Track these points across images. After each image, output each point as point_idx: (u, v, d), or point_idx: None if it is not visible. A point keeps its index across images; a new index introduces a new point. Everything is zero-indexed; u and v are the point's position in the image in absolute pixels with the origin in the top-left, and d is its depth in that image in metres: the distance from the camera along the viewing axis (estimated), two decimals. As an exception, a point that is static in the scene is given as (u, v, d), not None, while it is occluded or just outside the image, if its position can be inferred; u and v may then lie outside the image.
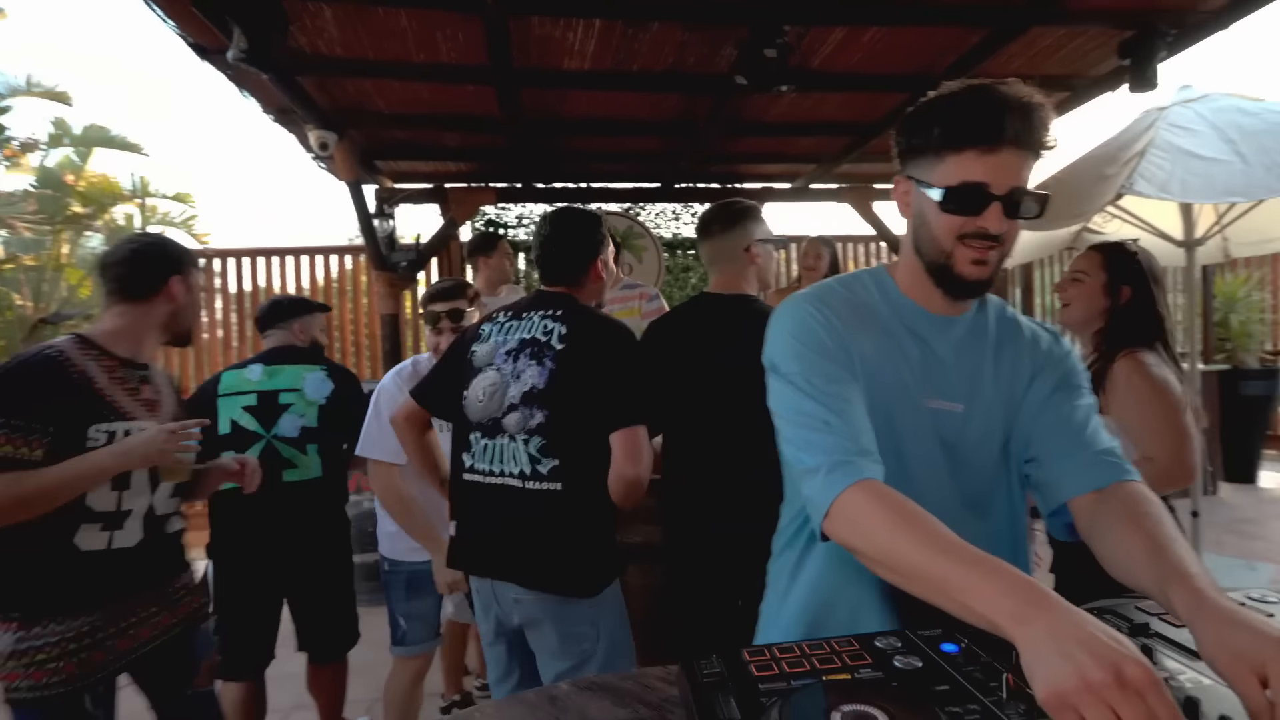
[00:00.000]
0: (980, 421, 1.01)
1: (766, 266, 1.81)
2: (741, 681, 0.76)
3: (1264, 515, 5.00)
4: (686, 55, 3.34)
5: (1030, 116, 0.89)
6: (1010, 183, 0.90)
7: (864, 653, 0.81)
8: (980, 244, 0.93)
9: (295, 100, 3.61)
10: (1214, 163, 3.22)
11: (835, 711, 0.67)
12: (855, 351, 0.97)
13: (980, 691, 0.71)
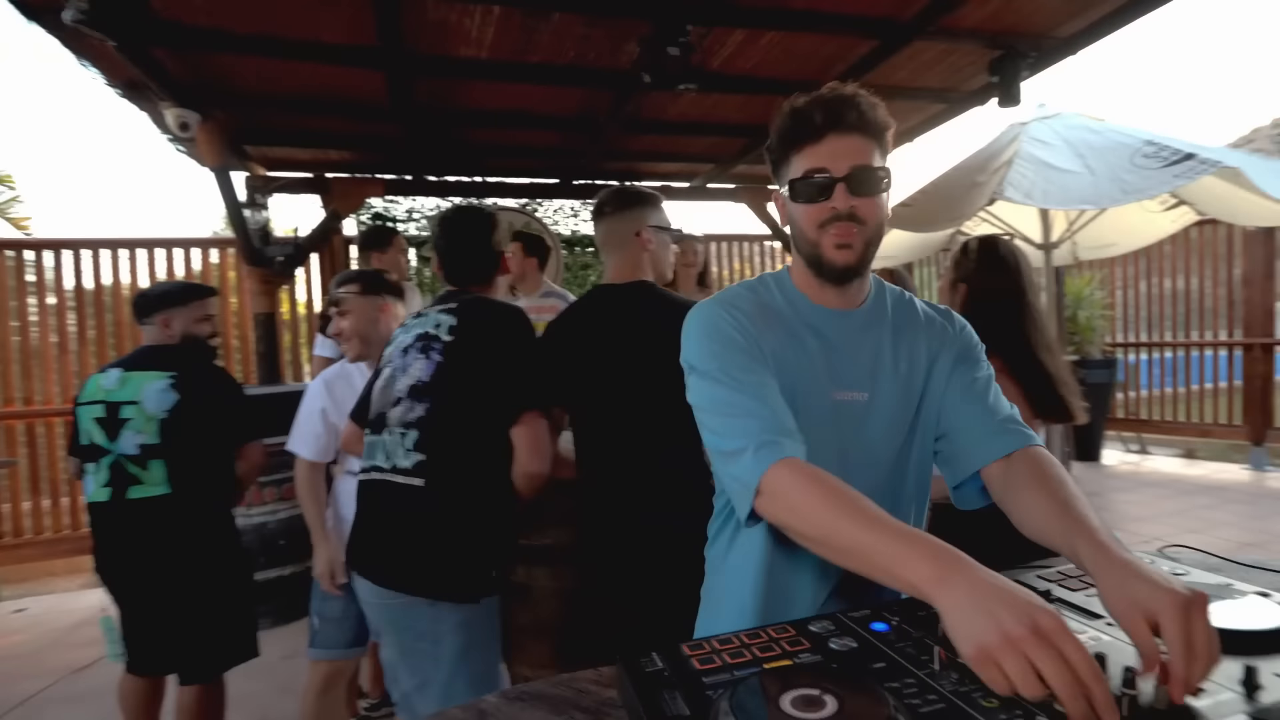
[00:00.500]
0: (884, 408, 1.05)
1: (661, 255, 1.75)
2: (685, 676, 0.75)
3: (1107, 489, 5.59)
4: (588, 50, 3.29)
5: (845, 104, 0.97)
6: (849, 163, 0.97)
7: (801, 638, 0.83)
8: (839, 227, 0.98)
9: (149, 74, 3.24)
10: (1068, 174, 3.55)
11: (785, 697, 0.67)
12: (766, 349, 1.01)
13: (914, 665, 0.75)
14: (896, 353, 1.07)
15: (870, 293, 1.10)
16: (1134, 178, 3.46)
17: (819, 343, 1.05)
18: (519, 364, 1.53)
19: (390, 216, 4.99)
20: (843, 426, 1.03)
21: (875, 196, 0.99)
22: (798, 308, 1.07)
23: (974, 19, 3.25)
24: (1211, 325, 6.29)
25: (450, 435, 1.48)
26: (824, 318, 1.06)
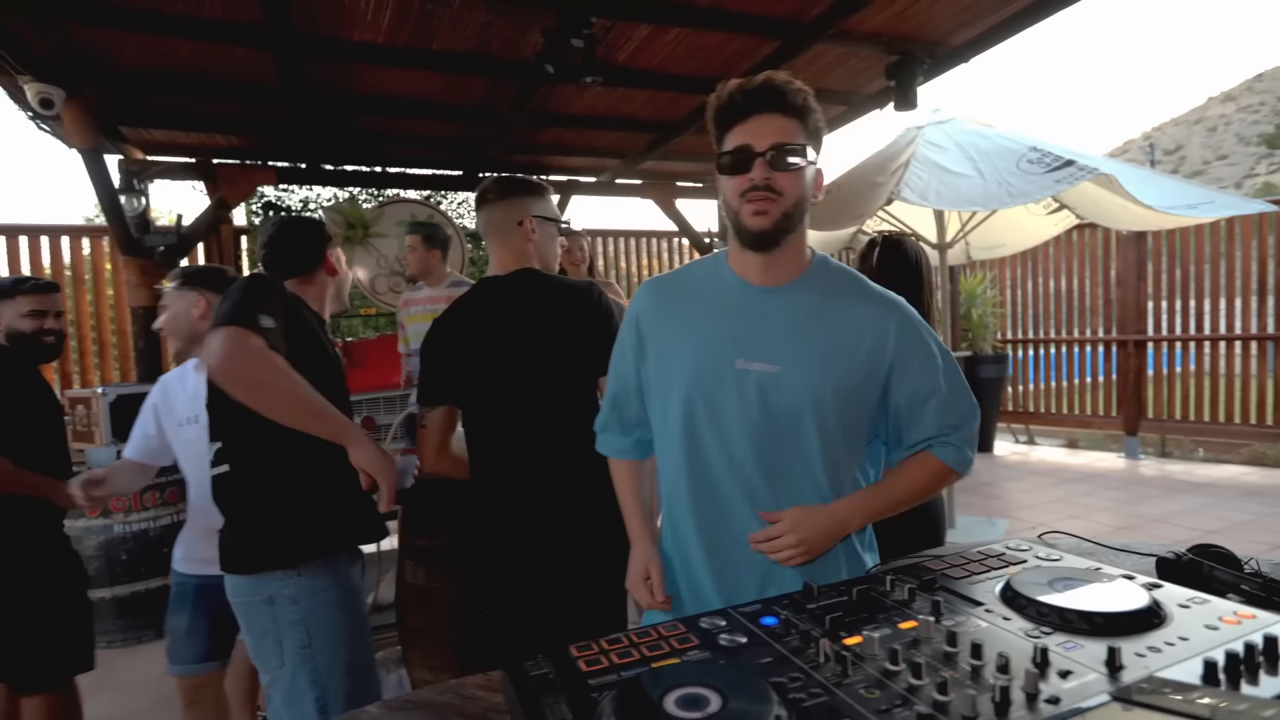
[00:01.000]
0: (798, 380, 1.08)
1: (545, 246, 1.70)
2: (571, 679, 0.73)
3: (999, 478, 5.92)
4: (490, 38, 3.21)
5: (768, 86, 1.06)
6: (770, 141, 1.04)
7: (690, 635, 0.82)
8: (757, 195, 1.05)
9: (2, 45, 2.95)
10: (960, 177, 3.72)
11: (668, 697, 0.66)
12: (666, 332, 1.16)
13: (799, 658, 0.75)
14: (826, 330, 1.10)
15: (806, 270, 1.14)
16: (1019, 182, 3.67)
17: (733, 315, 1.12)
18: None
19: (284, 206, 4.72)
20: (746, 395, 1.09)
21: (793, 172, 1.05)
22: (725, 284, 1.15)
23: (872, 23, 3.37)
24: (1091, 323, 6.77)
25: (228, 416, 1.42)
26: (744, 291, 1.13)
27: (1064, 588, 0.86)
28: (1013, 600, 0.85)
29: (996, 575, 0.95)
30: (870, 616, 0.84)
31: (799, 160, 1.05)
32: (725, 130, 1.09)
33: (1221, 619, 0.78)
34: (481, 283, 1.71)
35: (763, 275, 1.12)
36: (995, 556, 1.03)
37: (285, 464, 1.40)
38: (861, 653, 0.75)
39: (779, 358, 1.09)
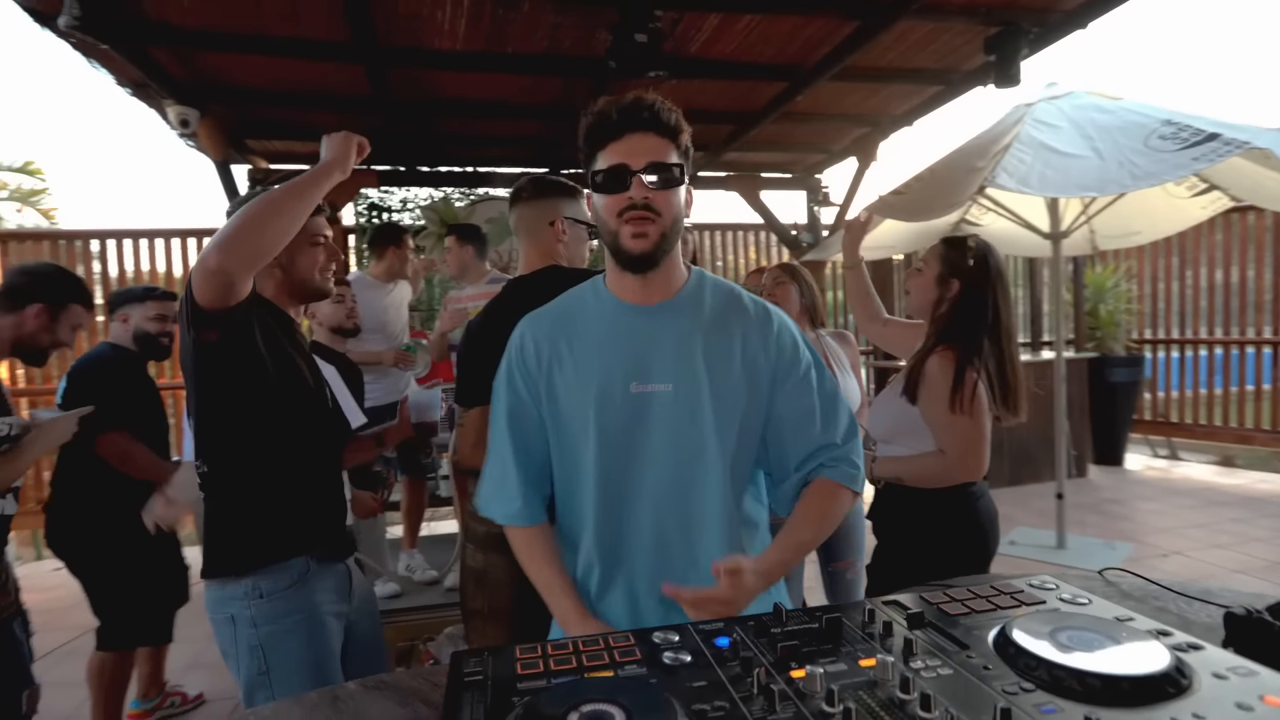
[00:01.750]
0: (691, 399, 1.08)
1: (575, 248, 1.69)
2: (502, 681, 0.73)
3: (1128, 496, 5.33)
4: (561, 38, 3.24)
5: (642, 106, 1.04)
6: (645, 159, 1.03)
7: (636, 648, 0.79)
8: (635, 215, 1.03)
9: (148, 74, 3.33)
10: (1072, 158, 3.36)
11: (574, 712, 0.64)
12: (555, 363, 1.13)
13: (735, 686, 0.70)
14: (709, 345, 1.09)
15: (685, 286, 1.13)
16: (1146, 161, 3.26)
17: (618, 340, 1.10)
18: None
19: (385, 206, 5.02)
20: (643, 417, 1.07)
21: (669, 190, 1.04)
22: (606, 307, 1.13)
23: (965, -5, 3.10)
24: (1255, 321, 5.91)
25: (204, 414, 1.36)
26: (627, 313, 1.11)
27: (1069, 640, 0.73)
28: (1002, 647, 0.74)
29: (1002, 615, 0.83)
30: (833, 649, 0.76)
31: (675, 178, 1.05)
32: (598, 148, 1.06)
33: (1264, 698, 0.64)
34: (510, 283, 1.72)
35: (642, 295, 1.11)
36: (1011, 594, 0.91)
37: (247, 469, 1.35)
38: (803, 688, 0.67)
39: (670, 377, 1.08)
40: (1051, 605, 0.87)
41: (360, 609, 1.53)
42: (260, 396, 1.32)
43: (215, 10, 2.90)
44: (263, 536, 1.34)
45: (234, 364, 1.28)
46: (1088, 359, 5.93)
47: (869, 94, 4.23)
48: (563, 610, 1.11)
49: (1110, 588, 1.16)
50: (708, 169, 5.39)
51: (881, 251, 4.93)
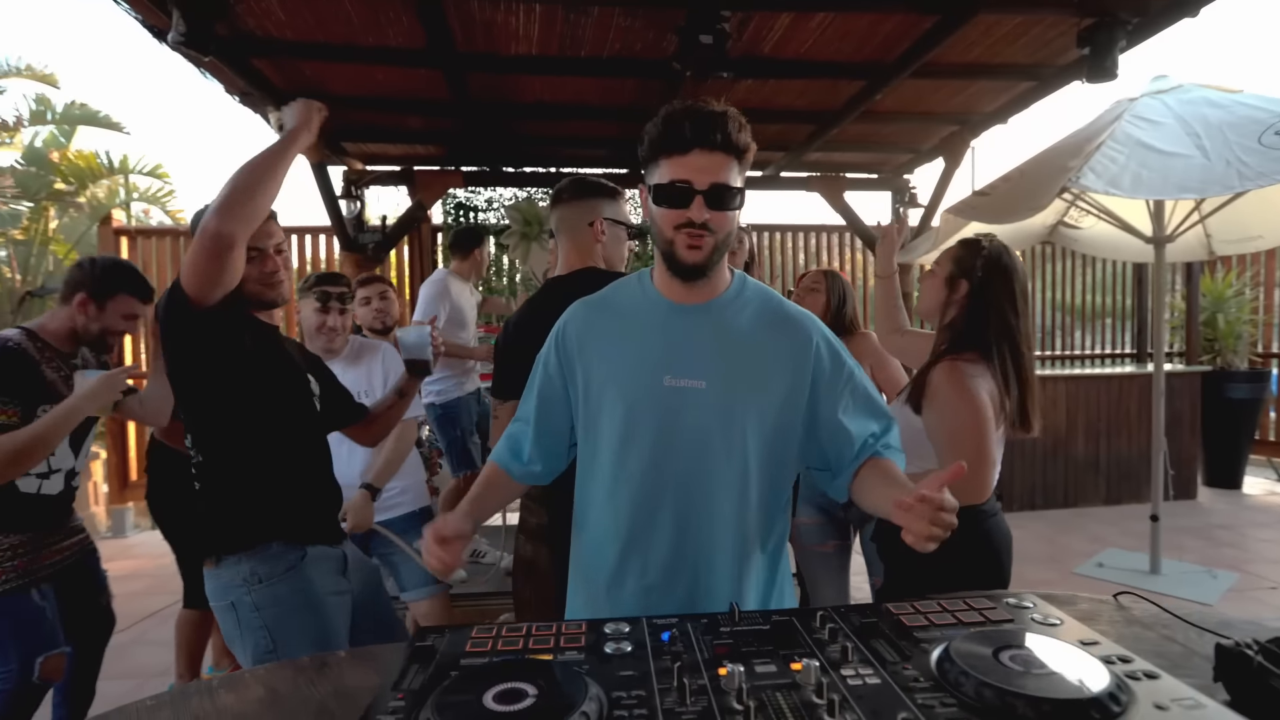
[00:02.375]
0: (723, 396, 1.12)
1: (613, 249, 1.73)
2: (449, 655, 0.80)
3: (1241, 522, 4.87)
4: (632, 40, 3.30)
5: (714, 122, 1.05)
6: (710, 179, 1.05)
7: (583, 636, 0.84)
8: (692, 231, 1.07)
9: (250, 82, 3.63)
10: (1173, 157, 3.12)
11: (493, 688, 0.70)
12: (594, 352, 1.18)
13: (660, 679, 0.74)
14: (747, 346, 1.14)
15: (730, 289, 1.18)
16: (1256, 160, 2.98)
17: (657, 334, 1.15)
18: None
19: (471, 206, 5.25)
20: (674, 410, 1.12)
21: (728, 211, 1.08)
22: (651, 303, 1.18)
23: (1056, -15, 2.93)
24: None
25: (191, 408, 1.47)
26: (670, 311, 1.16)
27: (1010, 659, 0.73)
28: (940, 663, 0.75)
29: (960, 631, 0.83)
30: (771, 651, 0.79)
31: (735, 201, 1.09)
32: (661, 156, 1.08)
33: None
34: (549, 282, 1.80)
35: (686, 295, 1.16)
36: (981, 610, 0.90)
37: (235, 459, 1.47)
38: (722, 685, 0.71)
39: (705, 374, 1.12)
40: (1020, 624, 0.86)
41: (363, 589, 1.63)
42: (241, 392, 1.44)
43: (309, 24, 3.13)
44: (251, 521, 1.45)
45: (216, 362, 1.41)
46: (1201, 373, 5.44)
47: (955, 91, 4.05)
48: (462, 505, 1.19)
49: (1121, 612, 1.12)
50: (789, 169, 5.31)
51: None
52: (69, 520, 2.05)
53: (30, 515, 1.90)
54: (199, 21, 2.73)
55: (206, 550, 1.46)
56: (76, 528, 2.08)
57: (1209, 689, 0.78)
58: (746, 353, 1.13)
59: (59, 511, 1.99)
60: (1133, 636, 1.02)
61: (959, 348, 1.61)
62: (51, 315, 1.98)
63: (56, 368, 1.92)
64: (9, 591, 1.82)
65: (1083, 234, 4.73)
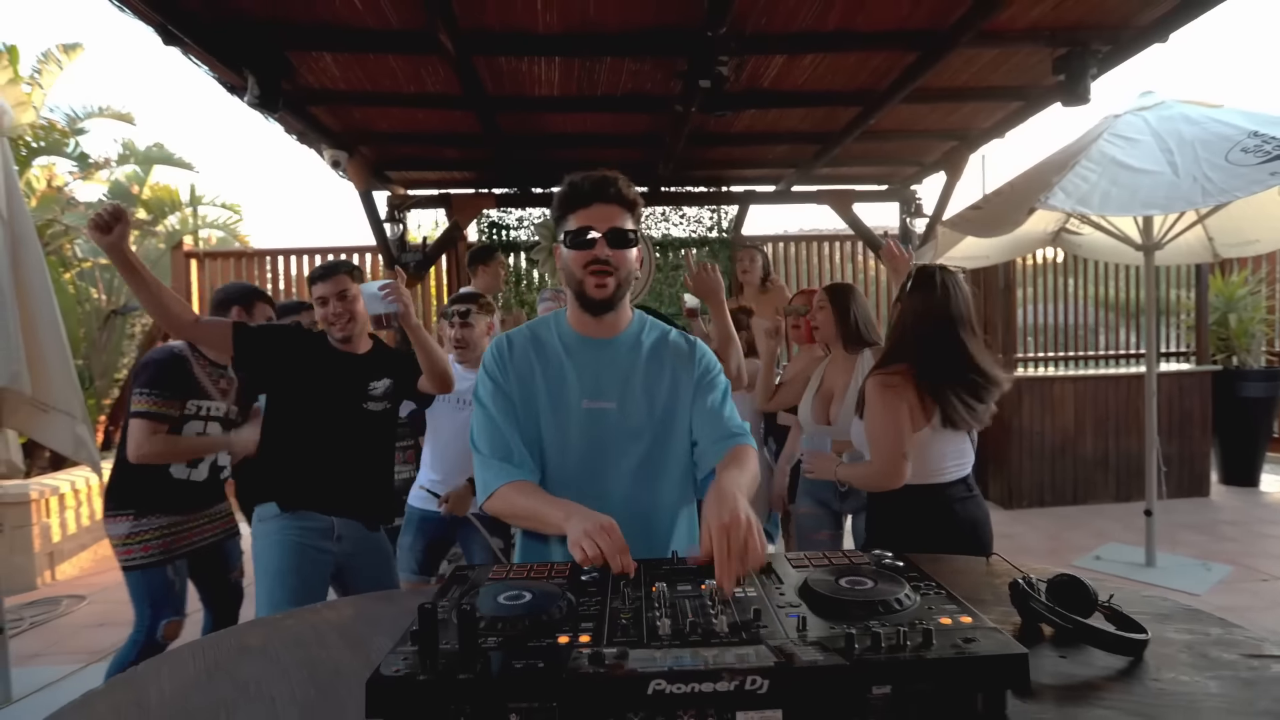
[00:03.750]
0: (631, 415, 1.38)
1: None
2: (478, 580, 1.13)
3: (1251, 519, 4.97)
4: (642, 81, 3.67)
5: (607, 183, 1.32)
6: (607, 224, 1.31)
7: (569, 572, 1.15)
8: (598, 268, 1.32)
9: (309, 128, 4.12)
10: (1142, 174, 3.34)
11: (502, 594, 1.02)
12: (529, 377, 1.39)
13: (613, 592, 1.05)
14: (646, 373, 1.41)
15: (630, 326, 1.45)
16: (1220, 176, 3.18)
17: (575, 364, 1.39)
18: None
19: (504, 224, 5.68)
20: (594, 427, 1.38)
21: (625, 250, 1.34)
22: (565, 338, 1.43)
23: (1027, 19, 3.20)
24: None
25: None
26: (583, 345, 1.41)
27: (848, 583, 1.06)
28: (801, 586, 1.08)
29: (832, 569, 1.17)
30: (693, 579, 1.12)
31: (630, 241, 1.34)
32: (569, 212, 1.34)
33: (941, 619, 0.94)
34: (548, 315, 2.20)
35: (596, 330, 1.41)
36: (851, 558, 1.23)
37: (264, 445, 2.16)
38: (652, 596, 1.05)
39: (616, 395, 1.38)
40: (875, 565, 1.18)
41: (361, 555, 2.15)
42: (273, 399, 2.10)
43: (359, 76, 3.58)
44: (260, 488, 2.11)
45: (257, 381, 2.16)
46: (1212, 372, 5.55)
47: (950, 111, 4.32)
48: (555, 514, 1.25)
49: (986, 570, 1.42)
50: (800, 183, 5.63)
51: (977, 261, 4.94)
52: (214, 505, 2.42)
53: (179, 499, 2.29)
54: (269, 82, 3.19)
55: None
56: (220, 513, 2.46)
57: (1010, 612, 1.11)
58: (647, 378, 1.39)
59: (205, 497, 2.37)
60: (974, 583, 1.32)
61: (887, 361, 1.89)
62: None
63: (208, 372, 2.33)
64: (150, 564, 2.23)
65: (1084, 240, 4.92)
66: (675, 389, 1.41)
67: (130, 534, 2.22)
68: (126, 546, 2.22)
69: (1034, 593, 1.09)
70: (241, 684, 0.97)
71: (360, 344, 2.16)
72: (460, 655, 0.84)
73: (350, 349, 2.13)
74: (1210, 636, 1.05)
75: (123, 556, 2.23)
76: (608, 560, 1.12)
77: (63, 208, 5.93)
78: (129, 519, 2.22)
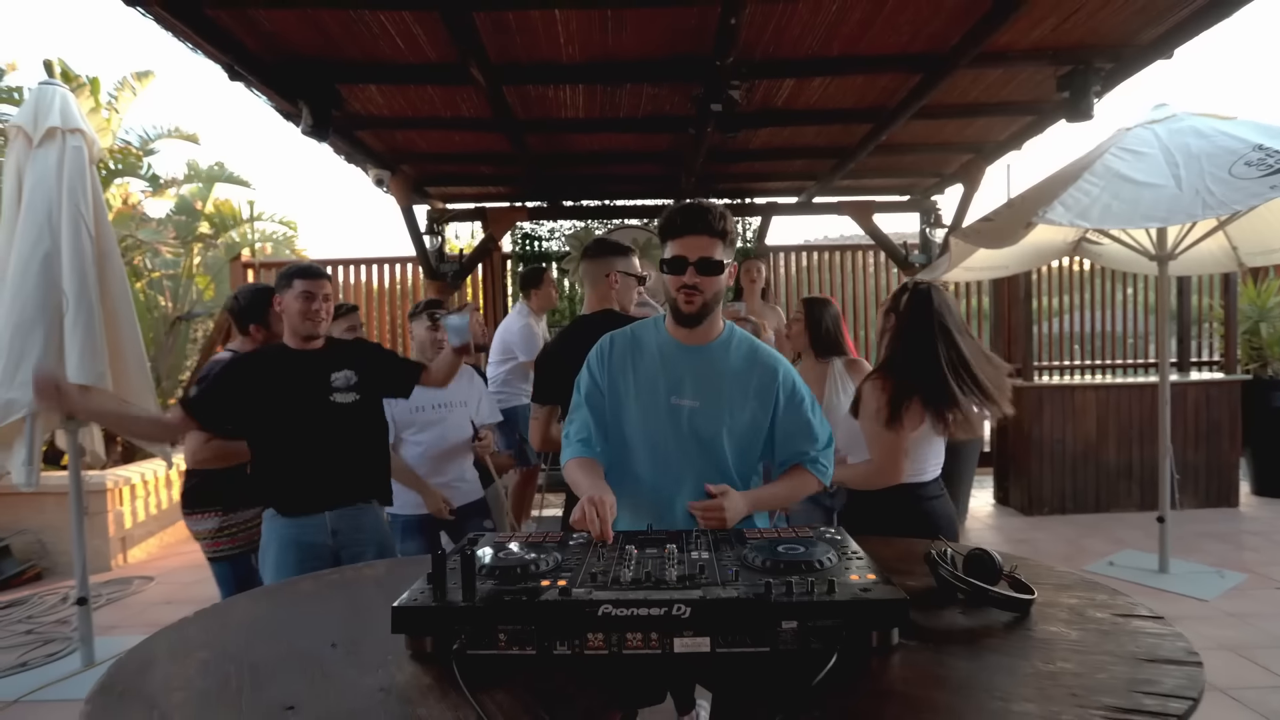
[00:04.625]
0: (711, 414, 1.59)
1: (625, 294, 2.34)
2: (486, 541, 1.35)
3: (1278, 529, 4.95)
4: (662, 102, 3.91)
5: (697, 218, 1.50)
6: (698, 254, 1.50)
7: (560, 537, 1.39)
8: (688, 291, 1.52)
9: (355, 149, 4.48)
10: (1145, 187, 3.43)
11: (503, 550, 1.27)
12: (621, 374, 1.63)
13: (591, 553, 1.25)
14: (729, 378, 1.60)
15: (720, 336, 1.64)
16: (1222, 189, 3.25)
17: (668, 365, 1.61)
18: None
19: (536, 236, 5.98)
20: (677, 421, 1.59)
21: (712, 276, 1.52)
22: (662, 342, 1.64)
23: (1028, 41, 3.34)
24: None
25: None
26: (676, 349, 1.62)
27: (784, 550, 1.27)
28: (746, 550, 1.29)
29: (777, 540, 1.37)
30: (661, 543, 1.35)
31: (717, 269, 1.52)
32: (668, 239, 1.54)
33: (867, 575, 1.15)
34: (577, 319, 2.42)
35: (688, 338, 1.61)
36: (797, 531, 1.43)
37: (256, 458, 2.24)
38: (621, 557, 1.28)
39: (700, 396, 1.59)
40: (817, 539, 1.39)
41: (358, 544, 2.24)
42: (254, 420, 2.18)
43: (401, 104, 3.91)
44: (256, 490, 2.26)
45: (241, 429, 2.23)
46: (1244, 382, 5.52)
47: (964, 125, 4.45)
48: (585, 483, 1.51)
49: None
50: (821, 195, 5.80)
51: (996, 271, 5.03)
52: None
53: (253, 495, 2.36)
54: (321, 111, 3.52)
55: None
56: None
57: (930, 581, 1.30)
58: (730, 381, 1.58)
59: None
60: (912, 558, 1.50)
61: (883, 367, 2.05)
62: (241, 345, 2.56)
63: None
64: (236, 555, 2.46)
65: (1104, 250, 4.96)
66: (758, 397, 1.60)
67: (220, 528, 2.45)
68: (216, 539, 2.45)
69: (944, 562, 1.28)
70: (299, 617, 1.23)
71: (319, 341, 2.25)
72: (462, 590, 1.08)
73: (310, 346, 2.22)
74: (1094, 601, 1.23)
75: (211, 549, 2.46)
76: (589, 526, 1.34)
77: (136, 224, 6.45)
78: (217, 515, 2.44)
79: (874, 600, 1.05)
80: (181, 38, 2.97)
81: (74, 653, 3.14)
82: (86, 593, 3.05)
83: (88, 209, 2.99)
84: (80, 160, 3.01)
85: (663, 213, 1.54)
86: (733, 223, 1.56)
